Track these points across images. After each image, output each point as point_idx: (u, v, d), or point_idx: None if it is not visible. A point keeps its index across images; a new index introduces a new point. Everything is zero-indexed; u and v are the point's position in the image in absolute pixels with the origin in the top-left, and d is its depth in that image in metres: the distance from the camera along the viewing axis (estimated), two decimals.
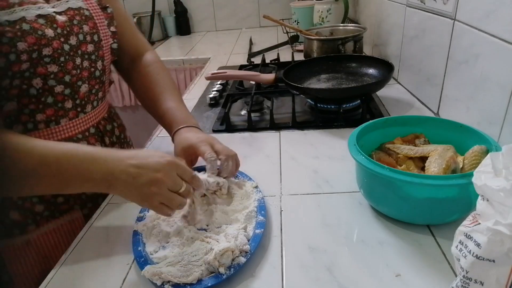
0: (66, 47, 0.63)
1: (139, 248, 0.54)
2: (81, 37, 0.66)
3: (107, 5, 0.73)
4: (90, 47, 0.68)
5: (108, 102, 0.80)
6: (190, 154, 0.65)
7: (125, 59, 0.81)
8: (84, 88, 0.68)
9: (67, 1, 0.66)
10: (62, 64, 0.62)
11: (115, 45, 0.74)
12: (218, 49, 1.79)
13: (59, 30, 0.62)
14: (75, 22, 0.65)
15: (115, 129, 0.81)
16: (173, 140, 0.70)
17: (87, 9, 0.68)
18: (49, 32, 0.60)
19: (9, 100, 0.59)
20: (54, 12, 0.62)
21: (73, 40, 0.64)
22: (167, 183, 0.52)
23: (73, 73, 0.65)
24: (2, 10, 0.56)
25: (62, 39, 0.62)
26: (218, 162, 0.62)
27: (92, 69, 0.69)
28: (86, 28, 0.67)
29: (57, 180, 0.52)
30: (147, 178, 0.51)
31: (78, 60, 0.65)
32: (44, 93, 0.62)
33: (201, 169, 0.65)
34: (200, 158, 0.66)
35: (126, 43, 0.79)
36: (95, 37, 0.69)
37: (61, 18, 0.63)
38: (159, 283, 0.48)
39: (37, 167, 0.51)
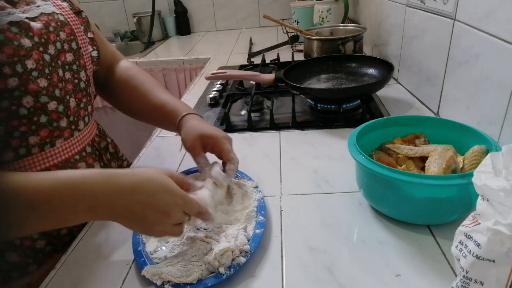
0: (47, 57, 0.57)
1: (139, 248, 0.54)
2: (58, 45, 0.59)
3: (81, 9, 0.68)
4: (69, 56, 0.62)
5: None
6: (206, 144, 0.63)
7: (101, 69, 0.74)
8: (72, 103, 0.62)
9: (38, 6, 0.59)
10: (48, 77, 0.56)
11: (95, 53, 0.69)
12: (218, 49, 1.79)
13: (36, 39, 0.55)
14: (51, 29, 0.58)
15: (109, 146, 0.78)
16: (178, 127, 0.67)
17: (61, 14, 0.62)
18: (26, 42, 0.54)
19: None
20: (27, 18, 0.55)
21: (51, 49, 0.58)
22: (172, 221, 0.48)
23: (60, 86, 0.59)
24: None
25: (41, 49, 0.56)
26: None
27: (76, 81, 0.63)
28: (63, 35, 0.60)
29: (52, 218, 0.46)
30: (152, 219, 0.47)
31: (60, 72, 0.59)
32: (36, 112, 0.55)
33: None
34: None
35: (102, 53, 0.73)
36: (73, 45, 0.63)
37: (36, 25, 0.56)
38: (159, 283, 0.48)
39: (28, 211, 0.43)
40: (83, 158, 0.65)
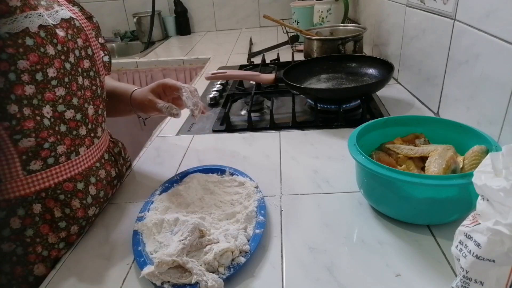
0: (67, 65, 0.56)
1: (139, 248, 0.54)
2: (77, 53, 0.59)
3: (92, 14, 0.67)
4: (86, 63, 0.61)
5: None
6: (158, 93, 0.72)
7: None
8: (90, 110, 0.62)
9: (57, 12, 0.57)
10: (67, 86, 0.56)
11: (106, 58, 0.69)
12: (218, 49, 1.79)
13: (59, 47, 0.54)
14: (69, 36, 0.57)
15: (122, 151, 0.78)
16: (131, 103, 0.74)
17: (76, 19, 0.61)
18: (50, 49, 0.53)
19: (24, 136, 0.51)
20: (52, 24, 0.54)
21: (72, 58, 0.57)
22: None
23: (78, 94, 0.58)
24: (2, 17, 0.47)
25: (62, 57, 0.55)
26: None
27: (94, 88, 0.63)
28: (80, 42, 0.60)
29: None
30: None
31: (80, 80, 0.59)
32: (56, 122, 0.55)
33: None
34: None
35: None
36: (89, 51, 0.62)
37: (60, 33, 0.55)
38: (158, 283, 0.48)
39: None
40: (103, 165, 0.65)
